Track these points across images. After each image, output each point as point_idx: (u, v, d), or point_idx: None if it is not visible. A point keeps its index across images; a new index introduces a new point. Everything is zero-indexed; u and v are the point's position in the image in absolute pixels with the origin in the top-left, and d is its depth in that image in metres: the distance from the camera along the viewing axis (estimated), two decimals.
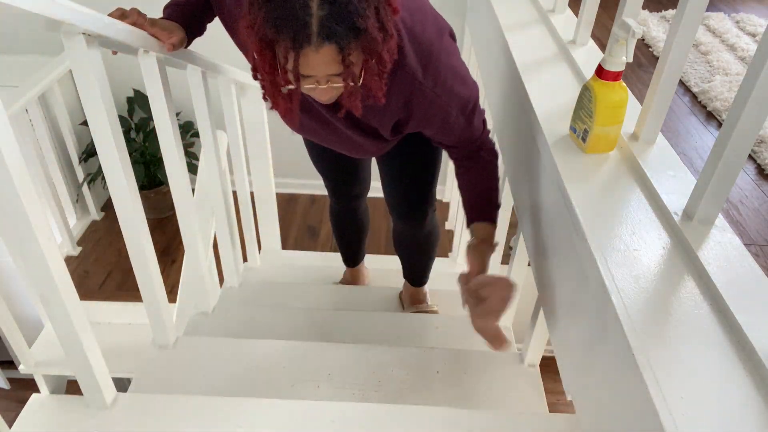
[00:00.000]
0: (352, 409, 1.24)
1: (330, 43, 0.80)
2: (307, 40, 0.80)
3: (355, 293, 2.14)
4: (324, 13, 0.79)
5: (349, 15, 0.80)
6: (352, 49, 0.82)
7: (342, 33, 0.80)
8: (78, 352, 1.07)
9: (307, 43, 0.80)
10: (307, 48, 0.80)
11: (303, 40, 0.80)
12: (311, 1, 0.79)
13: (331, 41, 0.80)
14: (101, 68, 1.00)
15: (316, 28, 0.79)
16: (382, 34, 0.84)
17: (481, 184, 1.24)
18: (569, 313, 0.93)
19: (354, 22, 0.80)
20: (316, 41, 0.80)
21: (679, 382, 0.63)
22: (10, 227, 0.89)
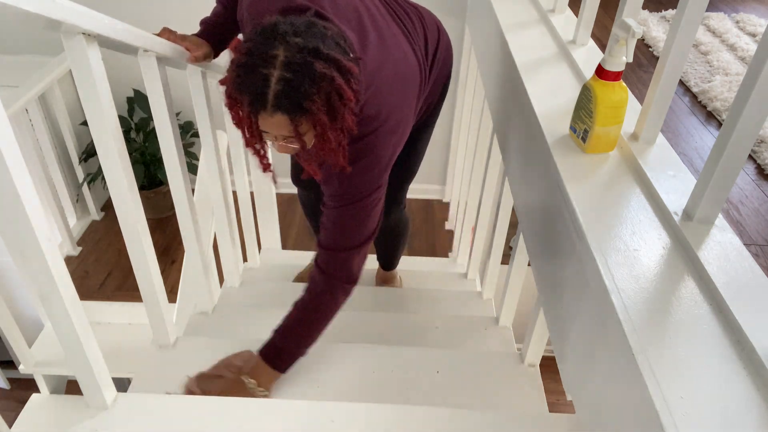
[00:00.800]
0: (352, 409, 1.24)
1: (282, 113, 0.96)
2: (263, 107, 0.96)
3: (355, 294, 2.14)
4: (279, 88, 0.94)
5: (298, 96, 0.94)
6: (301, 121, 0.98)
7: (291, 108, 0.96)
8: (78, 352, 1.07)
9: (263, 109, 0.96)
10: (263, 112, 0.97)
11: (260, 106, 0.96)
12: (271, 76, 0.94)
13: (283, 111, 0.96)
14: (101, 68, 1.00)
15: (271, 98, 0.95)
16: (329, 117, 0.98)
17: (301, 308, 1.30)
18: (569, 313, 0.93)
19: (301, 102, 0.95)
20: (270, 109, 0.96)
21: (679, 382, 0.63)
22: (10, 227, 0.89)
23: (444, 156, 3.04)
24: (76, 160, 2.74)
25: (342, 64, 0.98)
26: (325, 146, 1.03)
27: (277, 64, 0.94)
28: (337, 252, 1.25)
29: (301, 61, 0.94)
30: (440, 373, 1.48)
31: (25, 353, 2.06)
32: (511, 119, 1.43)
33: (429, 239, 2.89)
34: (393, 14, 1.28)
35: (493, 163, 1.95)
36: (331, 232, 1.24)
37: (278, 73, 0.94)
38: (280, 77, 0.94)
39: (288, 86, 0.94)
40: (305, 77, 0.94)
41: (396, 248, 2.05)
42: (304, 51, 0.94)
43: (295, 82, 0.94)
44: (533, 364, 1.50)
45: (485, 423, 1.22)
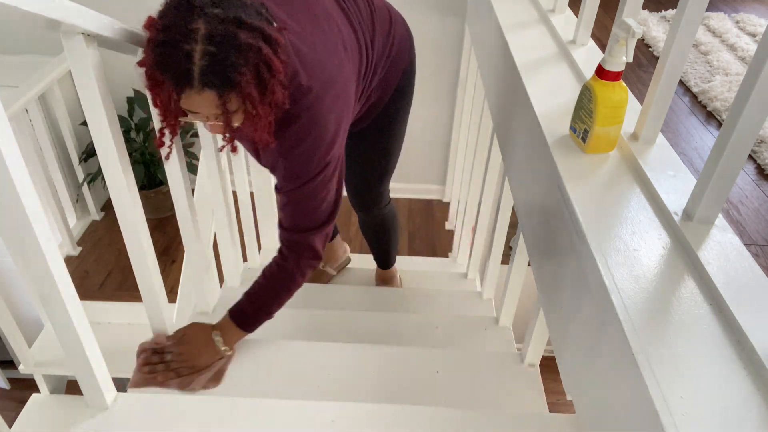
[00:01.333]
0: (352, 409, 1.24)
1: (210, 90, 0.91)
2: (189, 84, 0.90)
3: (355, 294, 2.15)
4: (204, 63, 0.88)
5: (224, 69, 0.89)
6: (230, 97, 0.92)
7: (218, 83, 0.90)
8: (78, 352, 1.07)
9: (189, 87, 0.90)
10: (189, 90, 0.91)
11: (185, 84, 0.90)
12: (194, 52, 0.88)
13: (211, 88, 0.90)
14: (101, 68, 1.00)
15: (197, 75, 0.89)
16: (258, 90, 0.93)
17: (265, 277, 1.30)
18: (569, 313, 0.93)
19: (228, 76, 0.89)
20: (197, 86, 0.90)
21: (679, 382, 0.63)
22: (10, 227, 0.89)
23: (444, 156, 3.04)
24: (76, 160, 2.74)
25: (267, 34, 0.92)
26: (255, 122, 0.98)
27: (198, 38, 0.88)
28: (299, 233, 1.23)
29: (224, 32, 0.88)
30: (440, 373, 1.48)
31: (25, 353, 2.06)
32: (511, 119, 1.43)
33: (429, 239, 2.89)
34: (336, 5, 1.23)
35: (493, 163, 1.94)
36: (290, 215, 1.22)
37: (201, 48, 0.88)
38: (204, 51, 0.88)
39: (213, 60, 0.88)
40: (231, 49, 0.89)
41: (388, 245, 2.03)
42: (226, 21, 0.89)
43: (220, 56, 0.88)
44: (533, 364, 1.50)
45: (485, 423, 1.22)
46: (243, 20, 0.90)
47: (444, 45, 2.66)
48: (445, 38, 2.65)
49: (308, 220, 1.21)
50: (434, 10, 2.58)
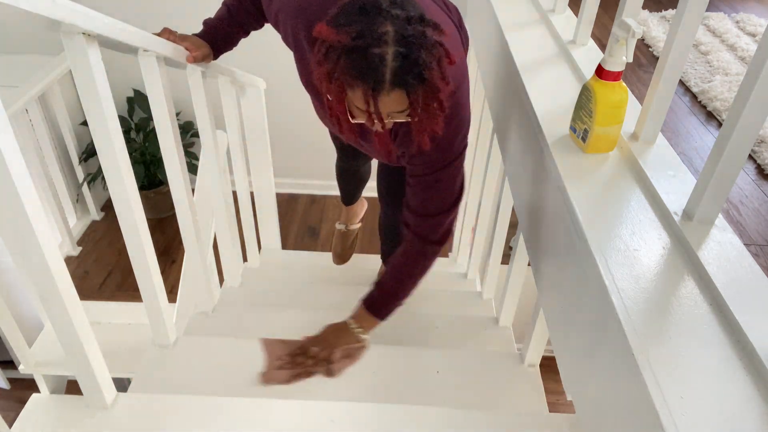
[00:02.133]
0: (352, 409, 1.24)
1: (401, 88, 0.92)
2: (383, 88, 0.91)
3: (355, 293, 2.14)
4: (397, 65, 0.90)
5: (417, 67, 0.91)
6: (418, 93, 0.93)
7: (411, 81, 0.91)
8: (78, 352, 1.07)
9: (382, 89, 0.91)
10: (382, 92, 0.92)
11: (380, 89, 0.91)
12: (386, 54, 0.89)
13: (402, 87, 0.92)
14: (101, 68, 1.00)
15: (389, 77, 0.90)
16: (443, 82, 0.95)
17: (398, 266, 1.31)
18: (569, 313, 0.93)
19: (421, 72, 0.91)
20: (388, 87, 0.91)
21: (679, 382, 0.63)
22: (10, 227, 0.89)
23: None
24: (76, 160, 2.74)
25: (441, 28, 0.95)
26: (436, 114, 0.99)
27: (389, 40, 0.89)
28: (434, 216, 1.24)
29: (413, 32, 0.90)
30: (440, 373, 1.48)
31: (25, 353, 2.06)
32: (511, 119, 1.43)
33: None
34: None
35: (493, 163, 1.95)
36: (426, 198, 1.23)
37: (393, 50, 0.89)
38: (396, 53, 0.89)
39: (406, 61, 0.90)
40: (421, 48, 0.91)
41: None
42: (413, 21, 0.91)
43: (413, 55, 0.90)
44: (533, 364, 1.50)
45: (485, 423, 1.22)
46: (425, 18, 0.92)
47: None
48: None
49: (444, 201, 1.23)
50: None
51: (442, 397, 1.42)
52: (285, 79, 2.77)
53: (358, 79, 0.91)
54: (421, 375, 1.47)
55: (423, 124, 1.02)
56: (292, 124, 2.99)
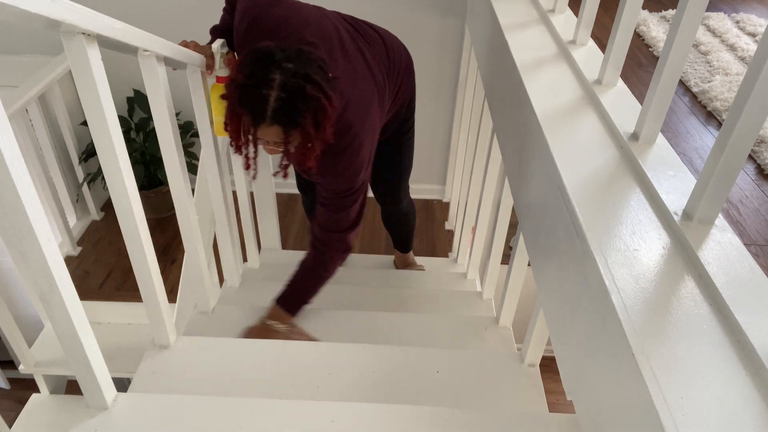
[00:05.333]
0: (352, 409, 1.24)
1: (278, 125, 1.17)
2: (263, 120, 1.16)
3: (355, 293, 2.15)
4: (276, 106, 1.14)
5: (292, 112, 1.15)
6: (291, 131, 1.19)
7: (286, 122, 1.17)
8: (78, 352, 1.07)
9: (262, 122, 1.17)
10: (262, 124, 1.17)
11: (260, 120, 1.16)
12: (270, 96, 1.14)
13: (278, 124, 1.17)
14: (101, 68, 1.00)
15: (270, 114, 1.15)
16: (315, 129, 1.19)
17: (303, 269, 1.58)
18: (569, 313, 0.93)
19: (295, 118, 1.16)
20: (269, 121, 1.16)
21: (679, 381, 0.63)
22: (10, 227, 0.89)
23: (444, 156, 3.04)
24: (76, 160, 2.74)
25: (325, 88, 1.18)
26: (308, 153, 1.24)
27: (275, 86, 1.13)
28: (335, 232, 1.50)
29: (294, 84, 1.14)
30: (440, 373, 1.48)
31: (25, 353, 2.06)
32: (511, 119, 1.43)
33: (429, 239, 2.89)
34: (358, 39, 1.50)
35: (493, 163, 1.94)
36: (331, 219, 1.48)
37: (276, 94, 1.13)
38: (277, 97, 1.13)
39: (284, 104, 1.14)
40: (298, 98, 1.14)
41: (408, 232, 2.32)
42: (297, 76, 1.14)
43: (290, 102, 1.14)
44: (533, 364, 1.50)
45: (485, 423, 1.22)
46: (310, 76, 1.15)
47: (444, 45, 2.66)
48: (445, 38, 2.65)
49: (345, 222, 1.48)
50: (434, 10, 2.58)
51: (442, 397, 1.42)
52: None
53: (245, 109, 1.16)
54: (421, 375, 1.47)
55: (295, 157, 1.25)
56: None
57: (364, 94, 1.41)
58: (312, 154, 1.25)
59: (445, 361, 1.51)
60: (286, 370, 1.46)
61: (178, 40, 1.38)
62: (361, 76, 1.43)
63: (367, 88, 1.44)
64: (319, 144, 1.23)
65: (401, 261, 2.49)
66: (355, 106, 1.37)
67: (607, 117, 1.13)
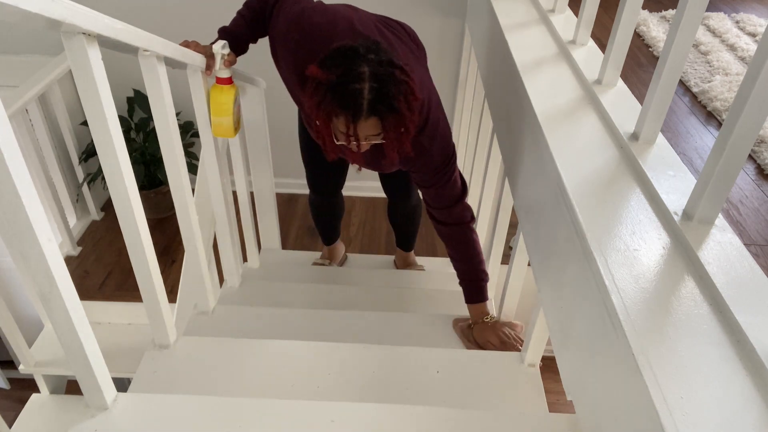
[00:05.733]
0: (352, 409, 1.24)
1: (375, 116, 1.17)
2: (361, 115, 1.16)
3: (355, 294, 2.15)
4: (372, 97, 1.15)
5: (388, 99, 1.15)
6: (389, 120, 1.18)
7: (383, 110, 1.16)
8: (78, 352, 1.07)
9: (360, 116, 1.16)
10: (360, 119, 1.16)
11: (358, 116, 1.16)
12: (363, 89, 1.14)
13: (376, 115, 1.17)
14: (101, 68, 1.00)
15: (366, 107, 1.15)
16: (409, 112, 1.20)
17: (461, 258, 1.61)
18: (569, 314, 0.93)
19: (392, 103, 1.16)
20: (365, 115, 1.16)
21: (679, 381, 0.63)
22: (10, 227, 0.89)
23: None
24: (76, 160, 2.74)
25: (407, 70, 1.19)
26: (404, 137, 1.24)
27: (366, 78, 1.14)
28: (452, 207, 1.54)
29: (384, 72, 1.15)
30: (440, 373, 1.48)
31: (25, 353, 2.06)
32: (511, 119, 1.43)
33: (429, 239, 2.89)
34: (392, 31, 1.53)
35: (493, 163, 1.95)
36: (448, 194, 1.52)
37: (368, 85, 1.14)
38: (371, 88, 1.14)
39: (379, 94, 1.15)
40: (391, 84, 1.15)
41: (413, 229, 2.35)
42: (384, 64, 1.16)
43: (384, 90, 1.15)
44: (533, 364, 1.50)
45: (485, 423, 1.22)
46: (394, 62, 1.17)
47: (444, 45, 2.66)
48: (445, 38, 2.65)
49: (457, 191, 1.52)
50: (434, 10, 2.58)
51: (442, 397, 1.42)
52: None
53: (342, 108, 1.15)
54: (421, 375, 1.47)
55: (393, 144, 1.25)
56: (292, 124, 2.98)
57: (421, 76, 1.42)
58: (407, 138, 1.25)
59: (445, 361, 1.51)
60: (286, 370, 1.46)
61: (178, 40, 1.38)
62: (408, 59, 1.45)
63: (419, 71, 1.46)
64: (413, 126, 1.23)
65: (402, 260, 2.49)
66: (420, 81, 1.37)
67: (607, 117, 1.13)
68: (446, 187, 1.50)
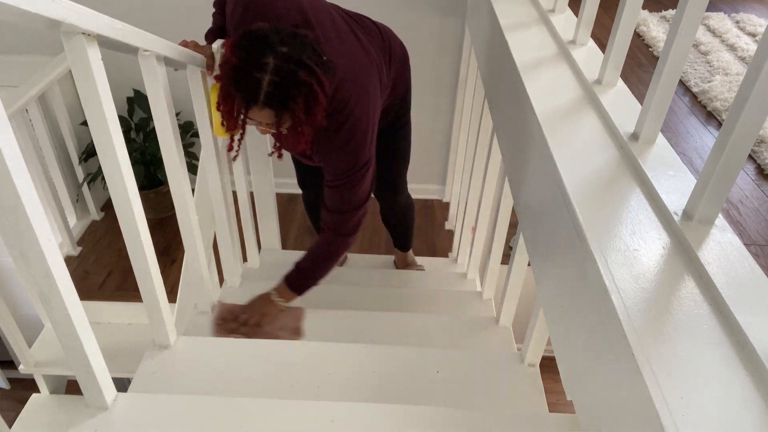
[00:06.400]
0: (352, 409, 1.24)
1: (270, 108, 1.19)
2: (255, 103, 1.18)
3: (355, 294, 2.15)
4: (269, 90, 1.16)
5: (283, 98, 1.17)
6: (283, 116, 1.21)
7: (277, 106, 1.18)
8: (78, 352, 1.07)
9: (254, 105, 1.18)
10: (254, 106, 1.19)
11: (252, 103, 1.18)
12: (263, 80, 1.15)
13: (270, 108, 1.18)
14: (101, 68, 1.00)
15: (262, 97, 1.16)
16: (306, 115, 1.21)
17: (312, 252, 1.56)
18: (569, 313, 0.93)
19: (286, 102, 1.18)
20: (261, 105, 1.18)
21: (679, 381, 0.63)
22: (10, 227, 0.89)
23: (444, 156, 3.04)
24: (76, 160, 2.74)
25: (318, 73, 1.18)
26: (299, 136, 1.26)
27: (268, 69, 1.14)
28: (342, 214, 1.48)
29: (287, 69, 1.15)
30: (440, 373, 1.48)
31: (25, 353, 2.07)
32: (511, 119, 1.43)
33: (429, 239, 2.89)
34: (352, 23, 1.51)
35: (493, 163, 1.95)
36: (337, 200, 1.47)
37: (269, 78, 1.14)
38: (270, 81, 1.14)
39: (276, 89, 1.15)
40: (290, 82, 1.15)
41: (407, 229, 2.32)
42: (291, 60, 1.15)
43: (282, 86, 1.15)
44: (533, 364, 1.50)
45: (485, 423, 1.22)
46: (303, 61, 1.16)
47: (444, 45, 2.66)
48: (445, 38, 2.65)
49: (351, 202, 1.47)
50: (434, 10, 2.58)
51: (442, 397, 1.42)
52: None
53: (239, 91, 1.17)
54: (421, 375, 1.47)
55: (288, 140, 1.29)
56: None
57: (358, 71, 1.40)
58: (303, 138, 1.27)
59: (445, 361, 1.51)
60: (286, 370, 1.46)
61: (178, 40, 1.38)
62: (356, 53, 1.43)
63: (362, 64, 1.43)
64: (309, 129, 1.25)
65: (401, 261, 2.49)
66: (350, 83, 1.36)
67: (607, 117, 1.13)
68: (342, 194, 1.45)
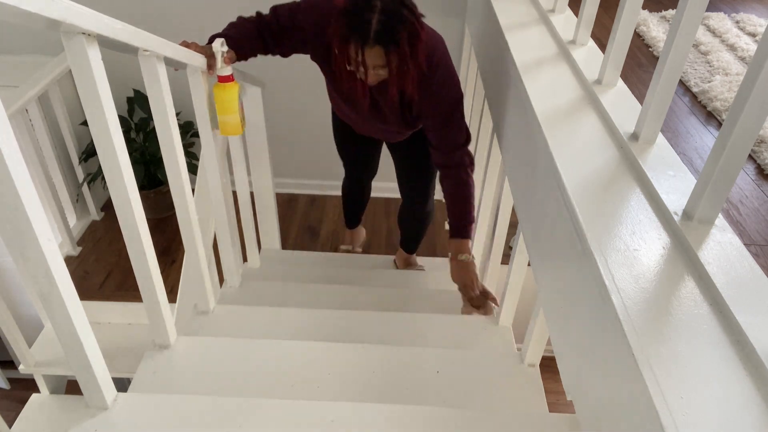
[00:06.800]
0: (352, 409, 1.24)
1: (380, 45, 1.32)
2: (367, 41, 1.31)
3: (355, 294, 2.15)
4: (378, 28, 1.30)
5: (392, 33, 1.31)
6: (392, 53, 1.33)
7: (386, 41, 1.31)
8: (78, 352, 1.07)
9: (366, 43, 1.31)
10: (366, 46, 1.32)
11: (364, 42, 1.31)
12: (372, 19, 1.29)
13: (380, 45, 1.32)
14: (101, 68, 1.00)
15: (372, 36, 1.30)
16: (410, 49, 1.35)
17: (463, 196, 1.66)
18: (569, 313, 0.93)
19: (395, 37, 1.31)
20: (371, 42, 1.31)
21: (679, 381, 0.63)
22: (10, 227, 0.89)
23: None
24: (76, 160, 2.74)
25: (416, 13, 1.35)
26: (405, 75, 1.39)
27: (376, 10, 1.29)
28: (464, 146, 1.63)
29: (392, 8, 1.30)
30: (440, 373, 1.48)
31: (25, 353, 2.06)
32: (511, 119, 1.43)
33: (429, 239, 2.89)
34: None
35: (493, 163, 1.95)
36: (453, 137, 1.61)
37: (377, 17, 1.29)
38: (378, 20, 1.29)
39: (385, 26, 1.29)
40: (396, 20, 1.30)
41: (422, 233, 2.37)
42: (394, 1, 1.31)
43: (390, 23, 1.29)
44: (533, 364, 1.50)
45: (485, 423, 1.22)
46: (404, 2, 1.32)
47: None
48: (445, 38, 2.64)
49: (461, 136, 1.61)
50: (434, 10, 2.57)
51: (442, 397, 1.42)
52: (285, 79, 2.77)
53: (354, 32, 1.30)
54: (421, 375, 1.47)
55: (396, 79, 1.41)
56: (291, 124, 2.99)
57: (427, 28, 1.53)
58: (409, 77, 1.40)
59: (445, 361, 1.51)
60: (286, 370, 1.46)
61: (178, 40, 1.38)
62: None
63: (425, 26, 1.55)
64: (414, 66, 1.38)
65: (402, 260, 2.50)
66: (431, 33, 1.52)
67: (607, 117, 1.13)
68: (452, 131, 1.60)
